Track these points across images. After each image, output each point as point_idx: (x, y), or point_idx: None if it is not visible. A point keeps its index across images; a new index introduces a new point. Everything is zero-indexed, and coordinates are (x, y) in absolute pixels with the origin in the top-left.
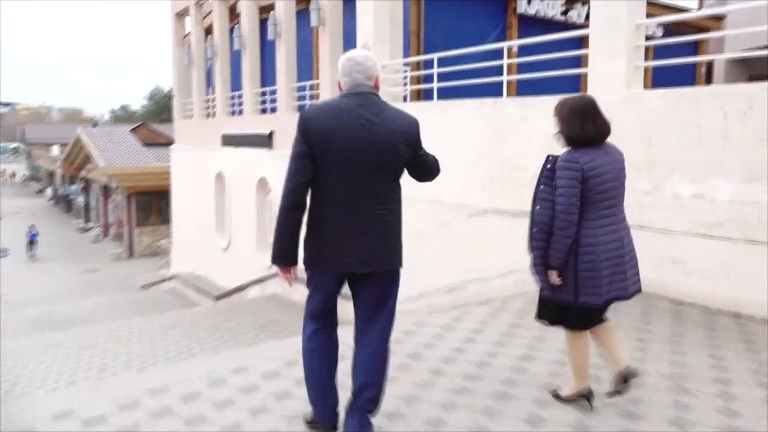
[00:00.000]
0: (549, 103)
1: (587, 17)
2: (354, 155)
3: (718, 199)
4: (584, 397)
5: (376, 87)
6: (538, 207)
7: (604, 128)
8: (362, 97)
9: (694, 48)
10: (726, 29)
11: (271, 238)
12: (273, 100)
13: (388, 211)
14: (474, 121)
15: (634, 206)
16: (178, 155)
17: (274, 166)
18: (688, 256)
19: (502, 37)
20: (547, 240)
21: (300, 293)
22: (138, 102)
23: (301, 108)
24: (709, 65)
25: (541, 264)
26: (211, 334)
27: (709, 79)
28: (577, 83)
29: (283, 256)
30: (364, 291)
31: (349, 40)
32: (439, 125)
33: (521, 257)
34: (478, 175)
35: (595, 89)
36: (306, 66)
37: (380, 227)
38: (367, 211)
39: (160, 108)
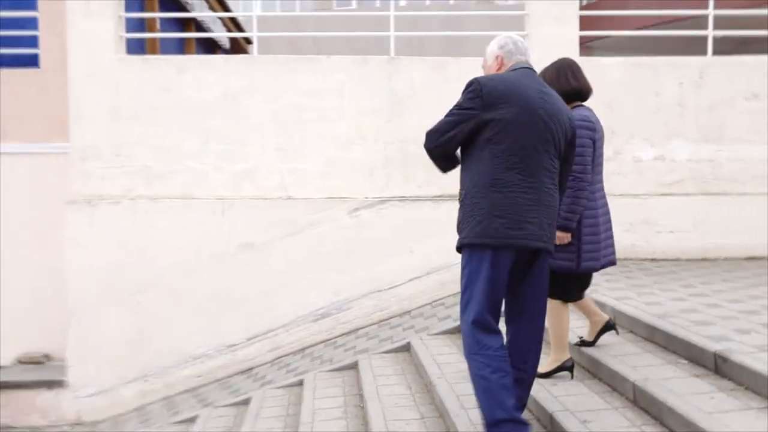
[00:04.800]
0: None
1: None
2: (533, 123)
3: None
4: (567, 369)
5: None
6: None
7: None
8: (533, 73)
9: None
10: None
11: None
12: None
13: (555, 188)
14: (356, 85)
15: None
16: None
17: None
18: (657, 216)
19: None
20: None
21: None
22: None
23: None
24: None
25: None
26: None
27: None
28: None
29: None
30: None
31: None
32: (282, 90)
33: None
34: (364, 158)
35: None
36: None
37: (551, 201)
38: (541, 182)
39: None
